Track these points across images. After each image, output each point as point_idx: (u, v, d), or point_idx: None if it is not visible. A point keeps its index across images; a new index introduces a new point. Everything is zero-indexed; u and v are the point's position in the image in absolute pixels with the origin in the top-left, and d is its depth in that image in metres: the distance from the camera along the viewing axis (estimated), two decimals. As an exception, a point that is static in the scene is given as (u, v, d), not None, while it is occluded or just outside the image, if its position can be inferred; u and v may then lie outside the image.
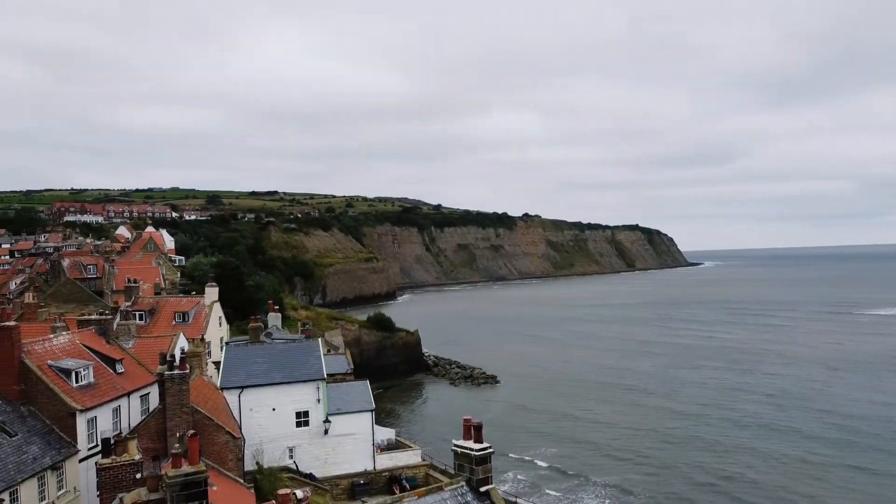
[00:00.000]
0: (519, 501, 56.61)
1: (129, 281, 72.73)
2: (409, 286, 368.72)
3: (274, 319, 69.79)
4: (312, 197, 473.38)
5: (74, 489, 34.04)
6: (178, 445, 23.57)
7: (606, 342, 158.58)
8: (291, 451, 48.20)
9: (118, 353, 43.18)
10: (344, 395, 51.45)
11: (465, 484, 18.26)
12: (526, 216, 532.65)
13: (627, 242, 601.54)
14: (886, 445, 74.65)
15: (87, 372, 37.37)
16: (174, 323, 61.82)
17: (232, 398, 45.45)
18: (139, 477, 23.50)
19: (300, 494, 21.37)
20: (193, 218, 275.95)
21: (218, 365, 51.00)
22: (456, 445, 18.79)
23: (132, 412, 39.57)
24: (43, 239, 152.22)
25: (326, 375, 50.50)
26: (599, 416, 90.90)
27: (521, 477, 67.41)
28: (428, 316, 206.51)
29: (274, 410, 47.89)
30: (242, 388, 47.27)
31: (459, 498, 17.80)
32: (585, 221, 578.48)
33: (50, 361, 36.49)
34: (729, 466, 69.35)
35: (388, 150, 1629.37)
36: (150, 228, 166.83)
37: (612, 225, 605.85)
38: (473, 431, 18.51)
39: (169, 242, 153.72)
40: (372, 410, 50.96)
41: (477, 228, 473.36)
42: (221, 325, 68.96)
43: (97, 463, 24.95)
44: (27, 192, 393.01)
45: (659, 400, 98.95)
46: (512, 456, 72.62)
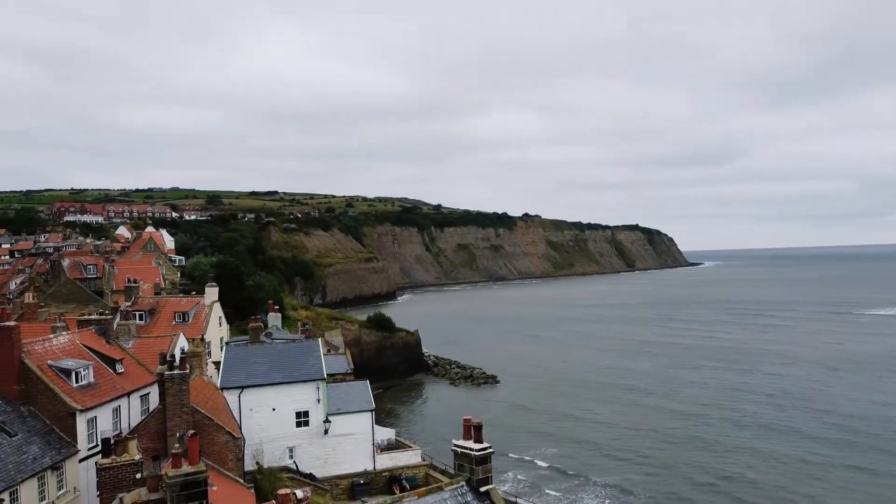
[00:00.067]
0: (519, 501, 56.60)
1: (129, 281, 72.78)
2: (409, 286, 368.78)
3: (274, 319, 69.77)
4: (312, 197, 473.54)
5: (74, 489, 34.03)
6: (178, 445, 23.58)
7: (606, 342, 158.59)
8: (291, 451, 48.20)
9: (118, 353, 43.18)
10: (344, 395, 51.46)
11: (465, 484, 18.26)
12: (526, 216, 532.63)
13: (627, 242, 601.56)
14: (886, 445, 74.67)
15: (87, 372, 37.38)
16: (174, 323, 61.84)
17: (232, 398, 45.46)
18: (139, 477, 23.50)
19: (300, 494, 21.36)
20: (193, 218, 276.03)
21: (218, 365, 51.01)
22: (456, 445, 18.78)
23: (132, 412, 39.58)
24: (43, 239, 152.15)
25: (326, 375, 50.52)
26: (599, 416, 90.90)
27: (521, 477, 67.41)
28: (428, 316, 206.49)
29: (274, 410, 47.90)
30: (242, 388, 47.29)
31: (459, 498, 17.80)
32: (585, 221, 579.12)
33: (50, 361, 36.48)
34: (729, 466, 69.36)
35: (388, 150, 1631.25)
36: (150, 228, 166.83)
37: (612, 225, 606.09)
38: (473, 431, 18.50)
39: (169, 242, 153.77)
40: (372, 410, 50.97)
41: (477, 228, 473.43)
42: (221, 325, 68.97)
43: (97, 463, 24.96)
44: (27, 192, 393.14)
45: (659, 400, 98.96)
46: (512, 456, 72.62)
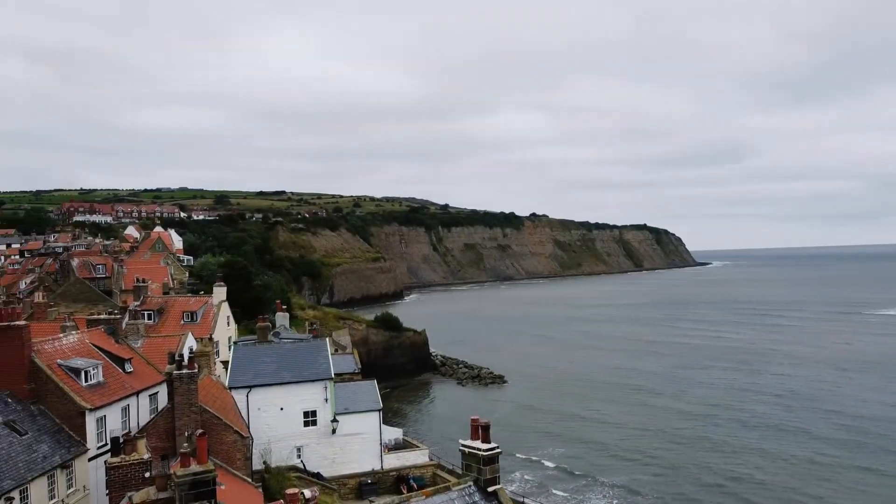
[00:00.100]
0: (526, 501, 56.47)
1: (137, 280, 73.16)
2: (416, 286, 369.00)
3: (282, 319, 70.03)
4: (320, 197, 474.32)
5: (84, 488, 34.21)
6: (186, 445, 23.71)
7: (614, 342, 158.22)
8: (299, 450, 48.32)
9: (127, 352, 43.39)
10: (351, 394, 51.57)
11: (472, 484, 18.24)
12: (533, 216, 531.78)
13: (635, 242, 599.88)
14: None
15: (96, 371, 37.58)
16: (182, 322, 62.12)
17: (240, 397, 45.64)
18: (148, 476, 23.60)
19: (308, 494, 21.40)
20: (201, 218, 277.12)
21: (226, 364, 51.19)
22: (463, 445, 18.77)
23: (141, 411, 39.77)
24: (52, 239, 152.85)
25: (334, 375, 50.60)
26: (607, 416, 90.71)
27: (528, 477, 67.34)
28: (435, 316, 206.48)
29: (282, 410, 48.03)
30: (250, 387, 47.44)
31: (467, 498, 17.79)
32: (593, 221, 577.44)
33: (59, 360, 36.69)
34: (737, 467, 69.10)
35: (395, 150, 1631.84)
36: (158, 228, 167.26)
37: (619, 224, 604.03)
38: (481, 431, 18.48)
39: (177, 242, 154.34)
40: (379, 410, 51.07)
41: (484, 228, 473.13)
42: (229, 324, 69.20)
43: (106, 462, 25.10)
44: (37, 192, 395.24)
45: (667, 400, 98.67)
46: (519, 456, 72.57)
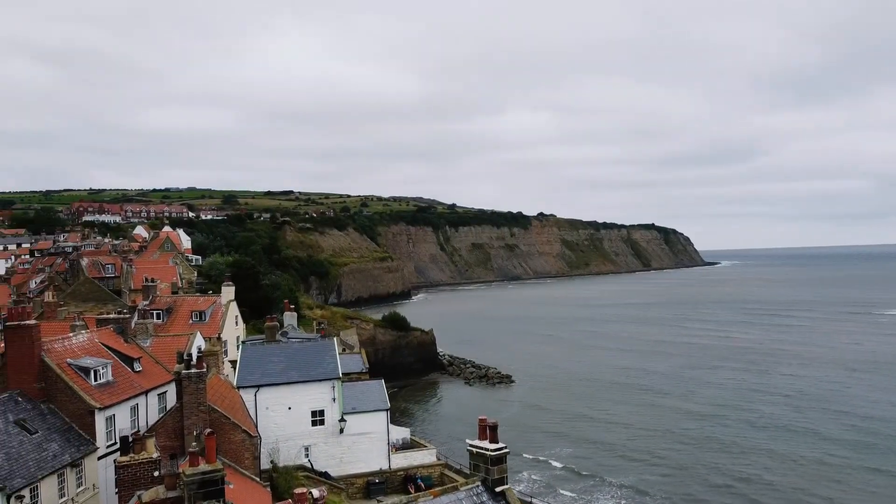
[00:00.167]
0: (534, 501, 56.47)
1: (146, 280, 73.46)
2: (423, 285, 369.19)
3: (289, 318, 70.02)
4: (327, 197, 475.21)
5: (93, 486, 34.39)
6: (195, 444, 23.81)
7: (622, 342, 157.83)
8: (307, 449, 48.40)
9: (136, 351, 43.59)
10: (359, 394, 51.61)
11: (480, 484, 18.24)
12: (541, 215, 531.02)
13: (643, 242, 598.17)
14: (907, 447, 73.78)
15: (105, 370, 37.76)
16: (191, 322, 62.28)
17: (248, 397, 45.74)
18: (157, 475, 23.73)
19: (316, 493, 21.43)
20: (210, 218, 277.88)
21: (234, 364, 51.34)
22: (471, 445, 18.76)
23: (150, 410, 39.94)
24: (62, 238, 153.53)
25: (342, 374, 50.67)
26: (615, 416, 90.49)
27: (535, 477, 67.27)
28: (442, 315, 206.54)
29: (290, 409, 48.11)
30: (259, 386, 47.54)
31: (475, 498, 17.79)
32: (601, 220, 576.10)
33: (69, 360, 36.88)
34: (746, 468, 68.81)
35: (402, 149, 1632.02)
36: (167, 228, 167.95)
37: (627, 224, 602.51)
38: (489, 431, 18.47)
39: (186, 242, 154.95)
40: (387, 409, 51.08)
41: (492, 228, 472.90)
42: (238, 324, 69.36)
43: (116, 461, 25.24)
44: (47, 192, 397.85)
45: (675, 401, 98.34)
46: (527, 456, 72.49)
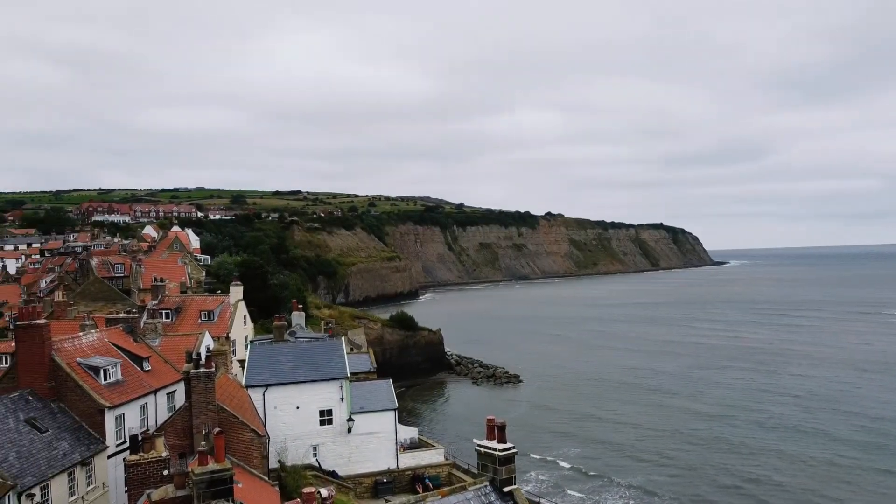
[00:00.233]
0: (542, 502, 56.40)
1: (155, 280, 73.75)
2: (431, 285, 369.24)
3: (297, 318, 70.13)
4: (335, 196, 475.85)
5: (103, 485, 34.59)
6: (204, 443, 23.88)
7: (630, 342, 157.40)
8: (315, 449, 48.50)
9: (145, 350, 43.79)
10: (367, 393, 51.66)
11: (488, 484, 18.24)
12: (549, 215, 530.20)
13: (651, 241, 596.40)
14: (918, 449, 73.24)
15: (115, 369, 37.96)
16: (200, 321, 62.47)
17: (256, 396, 45.88)
18: (166, 474, 23.83)
19: (325, 493, 21.47)
20: (218, 217, 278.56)
21: (243, 363, 51.49)
22: (479, 445, 18.75)
23: (159, 409, 40.14)
24: (72, 238, 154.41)
25: (349, 374, 50.75)
26: (623, 416, 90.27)
27: (543, 477, 67.19)
28: (450, 315, 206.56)
29: (298, 409, 48.22)
30: (267, 386, 47.69)
31: (483, 498, 17.79)
32: (609, 220, 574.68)
33: (79, 359, 37.09)
34: (755, 469, 68.50)
35: (410, 149, 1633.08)
36: (175, 228, 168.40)
37: (635, 224, 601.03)
38: (497, 431, 18.46)
39: (194, 242, 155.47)
40: (395, 409, 51.10)
41: (499, 227, 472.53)
42: (246, 323, 69.54)
43: (125, 460, 25.35)
44: (56, 192, 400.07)
45: (683, 401, 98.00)
46: (534, 456, 72.41)
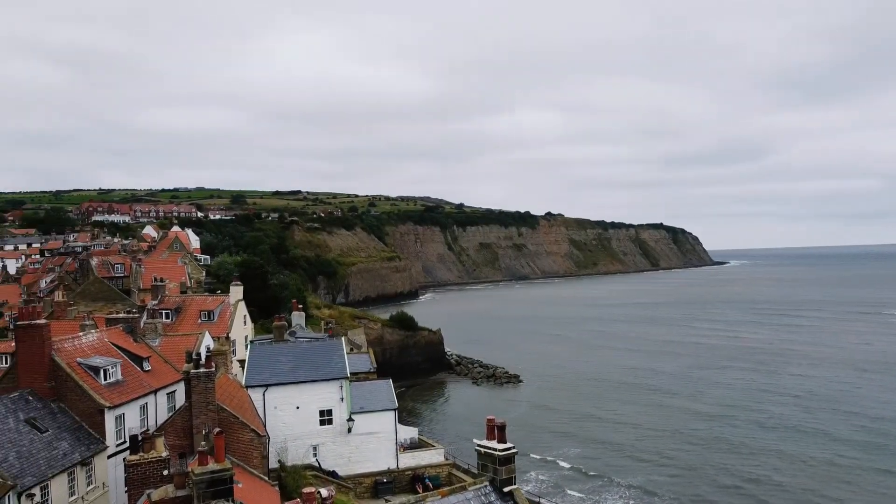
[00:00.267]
0: (542, 502, 56.40)
1: (155, 280, 73.75)
2: (431, 285, 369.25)
3: (297, 318, 70.13)
4: (335, 196, 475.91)
5: (103, 485, 34.58)
6: (204, 443, 23.87)
7: (630, 342, 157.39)
8: (315, 449, 48.50)
9: (145, 350, 43.79)
10: (367, 393, 51.67)
11: (488, 484, 18.24)
12: (549, 215, 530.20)
13: (651, 241, 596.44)
14: (918, 449, 73.23)
15: (115, 369, 37.96)
16: (200, 321, 62.47)
17: (256, 396, 45.88)
18: (166, 474, 23.83)
19: (325, 493, 21.47)
20: (218, 217, 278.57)
21: (243, 363, 51.49)
22: (479, 445, 18.74)
23: (159, 409, 40.14)
24: (72, 238, 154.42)
25: (349, 374, 50.75)
26: (623, 416, 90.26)
27: (543, 477, 67.20)
28: (450, 315, 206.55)
29: (298, 409, 48.22)
30: (267, 386, 47.69)
31: (483, 498, 17.79)
32: (609, 220, 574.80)
33: (79, 359, 37.09)
34: (755, 469, 68.51)
35: (410, 149, 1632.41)
36: (175, 228, 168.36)
37: (635, 224, 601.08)
38: (497, 431, 18.46)
39: (194, 242, 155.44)
40: (395, 409, 51.10)
41: (499, 227, 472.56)
42: (246, 323, 69.55)
43: (125, 460, 25.34)
44: (56, 192, 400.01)
45: (683, 401, 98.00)
46: (534, 456, 72.40)
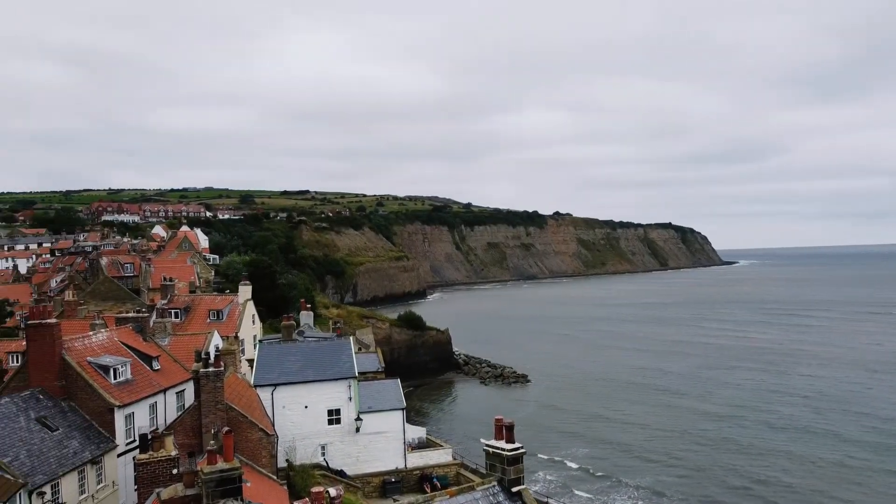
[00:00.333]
0: (550, 502, 56.33)
1: (164, 279, 74.08)
2: (439, 285, 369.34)
3: (306, 318, 70.20)
4: (343, 196, 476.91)
5: (113, 483, 34.78)
6: (213, 442, 23.99)
7: (638, 342, 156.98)
8: (323, 448, 48.60)
9: (155, 350, 44.00)
10: (375, 393, 51.73)
11: (496, 484, 18.22)
12: (557, 214, 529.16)
13: (660, 241, 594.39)
14: (929, 450, 72.74)
15: (124, 368, 38.16)
16: (209, 321, 62.74)
17: (265, 395, 45.99)
18: (176, 472, 23.93)
19: (333, 492, 21.50)
20: (227, 217, 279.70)
21: (251, 362, 51.64)
22: (487, 445, 18.73)
23: (168, 408, 40.32)
24: (82, 238, 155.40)
25: (358, 374, 50.82)
26: (631, 416, 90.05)
27: (551, 477, 67.14)
28: (458, 315, 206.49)
29: (306, 408, 48.30)
30: (275, 385, 47.78)
31: (491, 498, 17.78)
32: (617, 220, 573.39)
33: (89, 358, 37.30)
34: (764, 470, 68.23)
35: (418, 149, 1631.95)
36: (184, 227, 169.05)
37: (644, 223, 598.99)
38: (505, 431, 18.44)
39: (203, 241, 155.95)
40: (403, 409, 51.13)
41: (507, 227, 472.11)
42: (255, 322, 69.76)
43: (135, 458, 25.49)
44: (66, 192, 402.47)
45: (692, 401, 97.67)
46: (542, 456, 72.35)
